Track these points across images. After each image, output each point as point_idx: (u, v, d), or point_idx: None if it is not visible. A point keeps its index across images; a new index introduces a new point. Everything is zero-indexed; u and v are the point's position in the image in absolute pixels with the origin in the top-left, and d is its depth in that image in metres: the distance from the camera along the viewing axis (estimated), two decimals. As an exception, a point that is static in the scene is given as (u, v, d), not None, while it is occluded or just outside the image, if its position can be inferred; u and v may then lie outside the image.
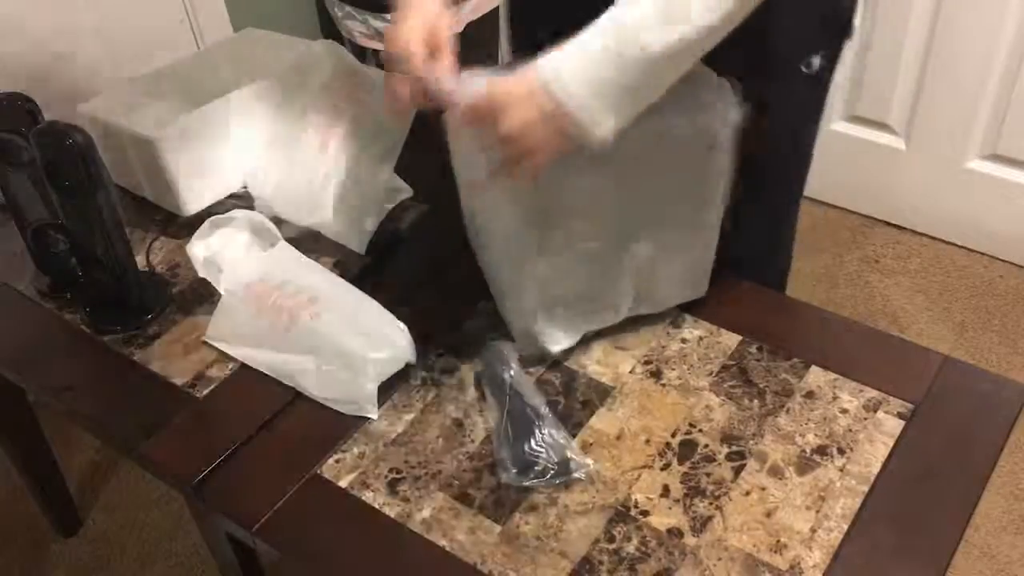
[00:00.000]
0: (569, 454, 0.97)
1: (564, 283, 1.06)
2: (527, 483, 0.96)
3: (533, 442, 0.98)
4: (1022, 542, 1.66)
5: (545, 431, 0.99)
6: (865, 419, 1.00)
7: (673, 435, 1.00)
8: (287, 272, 1.14)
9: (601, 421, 1.02)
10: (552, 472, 0.96)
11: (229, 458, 1.02)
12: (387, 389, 1.07)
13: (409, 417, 1.05)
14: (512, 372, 1.04)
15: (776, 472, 0.96)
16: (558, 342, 1.09)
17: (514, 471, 0.96)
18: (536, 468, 0.96)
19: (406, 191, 1.33)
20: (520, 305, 1.08)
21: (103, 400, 1.12)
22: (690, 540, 0.90)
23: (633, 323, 1.12)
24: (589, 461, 0.97)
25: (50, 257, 1.25)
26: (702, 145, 0.99)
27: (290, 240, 1.21)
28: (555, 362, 1.09)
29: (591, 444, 1.00)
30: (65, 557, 1.77)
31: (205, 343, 1.16)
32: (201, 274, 1.13)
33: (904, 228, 2.34)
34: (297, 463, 1.01)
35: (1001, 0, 1.93)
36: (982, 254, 2.25)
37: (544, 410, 1.01)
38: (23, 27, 1.85)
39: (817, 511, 0.92)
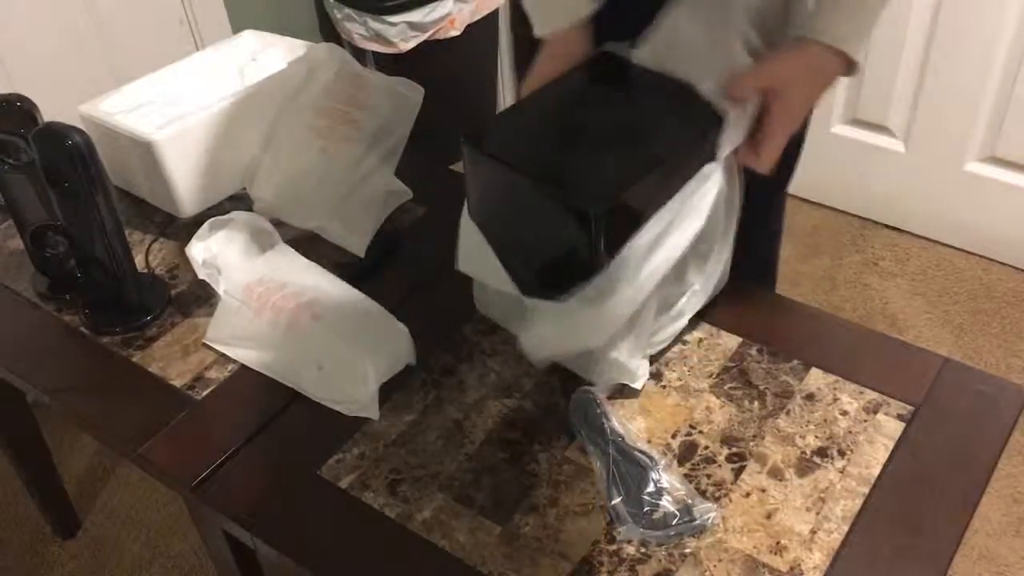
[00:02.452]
0: (690, 499, 0.92)
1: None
2: (651, 536, 0.90)
3: (649, 490, 0.92)
4: (1021, 544, 1.66)
5: (660, 476, 0.94)
6: (865, 421, 1.00)
7: (673, 436, 1.00)
8: (287, 274, 1.14)
9: (601, 423, 1.02)
10: (676, 520, 0.90)
11: (229, 459, 1.02)
12: (387, 390, 1.07)
13: (409, 418, 1.05)
14: (611, 419, 0.99)
15: (776, 474, 0.96)
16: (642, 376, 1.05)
17: (633, 523, 0.91)
18: (656, 517, 0.91)
19: (406, 193, 1.33)
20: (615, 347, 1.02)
21: (102, 402, 1.12)
22: (690, 541, 0.90)
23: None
24: (712, 506, 0.92)
25: (49, 258, 1.24)
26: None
27: (289, 242, 1.21)
28: (555, 365, 1.09)
29: (591, 446, 1.00)
30: (64, 559, 1.77)
31: (204, 345, 1.16)
32: (200, 276, 1.13)
33: (903, 231, 2.34)
34: (297, 464, 1.01)
35: (1000, 3, 1.93)
36: (981, 256, 2.25)
37: (655, 455, 0.96)
38: (23, 28, 1.85)
39: (817, 513, 0.92)
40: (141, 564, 1.74)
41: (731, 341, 1.11)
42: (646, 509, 0.91)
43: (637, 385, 1.04)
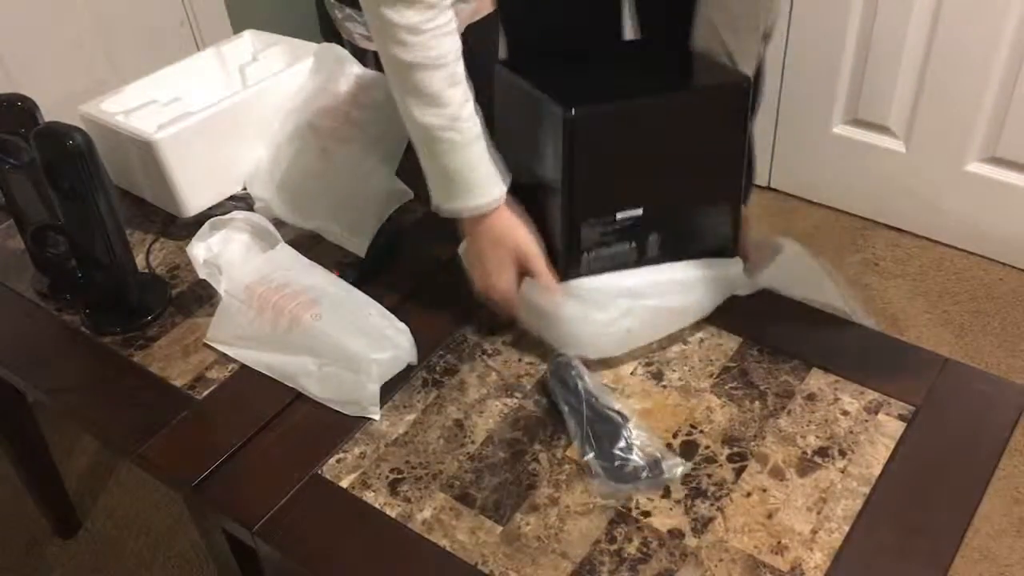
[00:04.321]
0: (659, 454, 0.96)
1: None
2: (621, 489, 0.94)
3: (620, 445, 0.96)
4: (1022, 544, 1.66)
5: (631, 433, 0.97)
6: (866, 421, 1.00)
7: (674, 436, 1.00)
8: (288, 274, 1.14)
9: (602, 422, 1.02)
10: (645, 473, 0.94)
11: (229, 459, 1.02)
12: (388, 390, 1.07)
13: (410, 418, 1.05)
14: (585, 379, 1.02)
15: (777, 473, 0.96)
16: None
17: (605, 476, 0.94)
18: (627, 471, 0.95)
19: (407, 194, 1.33)
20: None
21: (102, 401, 1.12)
22: (691, 541, 0.90)
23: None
24: (680, 460, 0.96)
25: (50, 258, 1.25)
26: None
27: (290, 242, 1.21)
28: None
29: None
30: (64, 559, 1.77)
31: (205, 345, 1.16)
32: (201, 275, 1.13)
33: (904, 231, 2.34)
34: (298, 463, 1.01)
35: (1001, 3, 1.93)
36: (982, 257, 2.25)
37: (627, 413, 1.00)
38: (23, 28, 1.85)
39: (818, 512, 0.92)
40: (141, 564, 1.74)
41: (732, 341, 1.11)
42: (617, 463, 0.95)
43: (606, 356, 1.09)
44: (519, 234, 1.07)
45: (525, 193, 1.10)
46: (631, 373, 1.08)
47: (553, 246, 1.09)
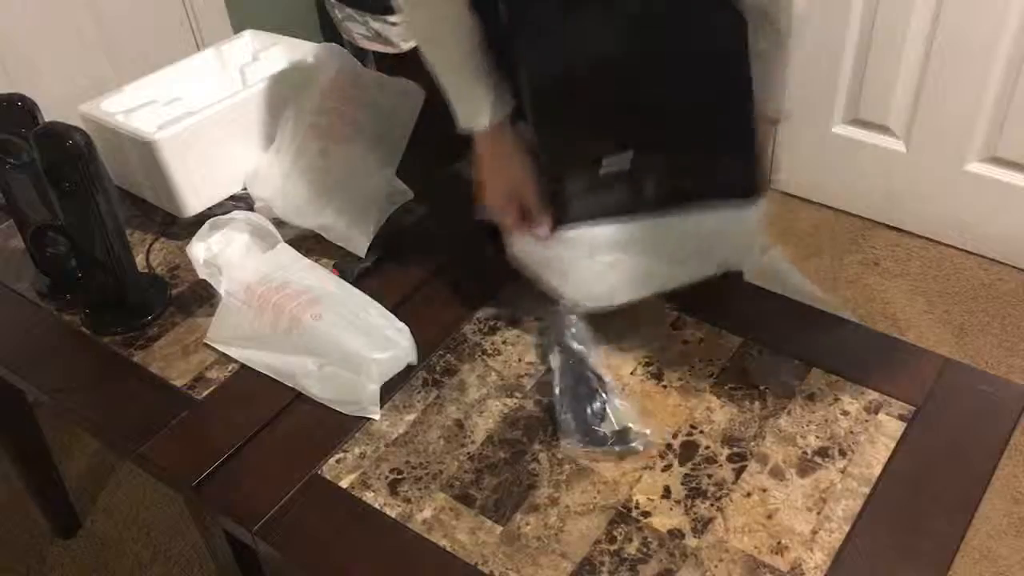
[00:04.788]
0: (630, 423, 0.99)
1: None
2: (590, 452, 0.98)
3: (595, 408, 0.99)
4: (1021, 545, 1.66)
5: (608, 398, 1.01)
6: (866, 421, 1.00)
7: (674, 436, 1.00)
8: (288, 273, 1.14)
9: (602, 422, 1.02)
10: (612, 440, 0.98)
11: (229, 459, 1.02)
12: (388, 390, 1.07)
13: (410, 418, 1.05)
14: (576, 339, 1.06)
15: (777, 473, 0.96)
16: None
17: (576, 436, 0.98)
18: (597, 435, 0.98)
19: (407, 194, 1.33)
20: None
21: (102, 401, 1.12)
22: (691, 541, 0.90)
23: (634, 324, 1.12)
24: (647, 431, 0.99)
25: (50, 258, 1.24)
26: None
27: (290, 242, 1.21)
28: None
29: (592, 445, 1.00)
30: (64, 559, 1.76)
31: (205, 345, 1.16)
32: (201, 275, 1.13)
33: (904, 230, 2.34)
34: (298, 463, 1.01)
35: (1001, 3, 1.93)
36: (982, 256, 2.25)
37: (608, 378, 1.03)
38: (23, 28, 1.85)
39: (818, 512, 0.92)
40: (141, 564, 1.74)
41: (732, 341, 1.11)
42: (588, 426, 0.99)
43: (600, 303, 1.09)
44: (515, 163, 1.09)
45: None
46: (631, 373, 1.08)
47: (543, 191, 1.08)
